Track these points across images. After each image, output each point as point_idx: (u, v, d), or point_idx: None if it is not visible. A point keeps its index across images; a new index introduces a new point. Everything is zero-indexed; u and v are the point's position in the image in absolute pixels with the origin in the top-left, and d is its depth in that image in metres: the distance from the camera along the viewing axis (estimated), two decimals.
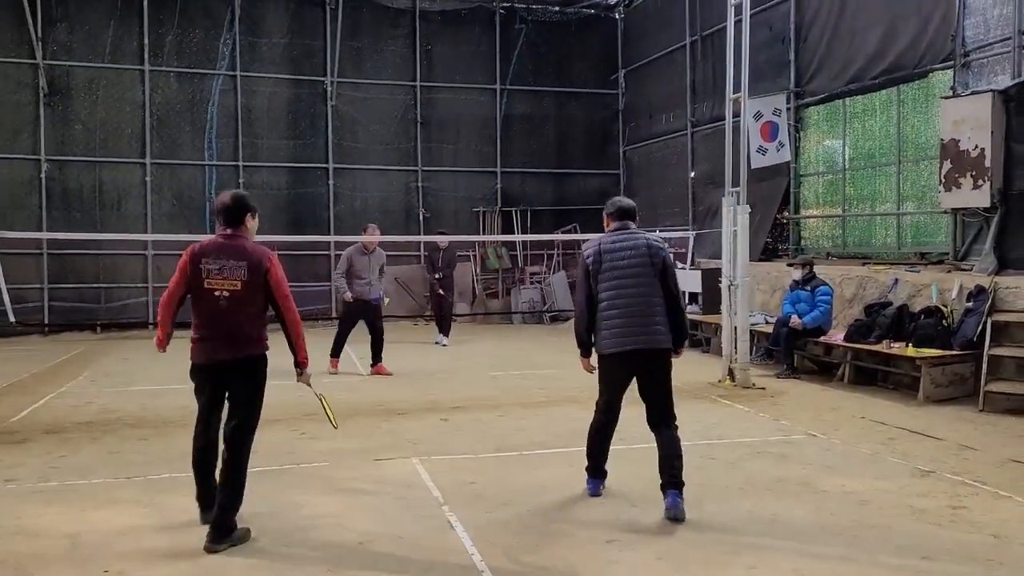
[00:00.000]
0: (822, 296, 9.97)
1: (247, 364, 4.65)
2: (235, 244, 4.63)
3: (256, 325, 4.66)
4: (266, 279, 4.61)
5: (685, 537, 4.64)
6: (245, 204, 4.80)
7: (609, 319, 5.12)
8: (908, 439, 6.90)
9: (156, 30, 16.10)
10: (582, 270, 5.27)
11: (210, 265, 4.59)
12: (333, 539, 4.64)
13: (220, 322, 4.60)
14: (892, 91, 11.37)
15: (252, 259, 4.61)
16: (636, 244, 5.18)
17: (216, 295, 4.56)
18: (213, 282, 4.57)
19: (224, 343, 4.60)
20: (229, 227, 4.71)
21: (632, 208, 5.40)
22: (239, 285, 4.56)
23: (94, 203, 15.91)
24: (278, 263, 4.70)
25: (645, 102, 18.03)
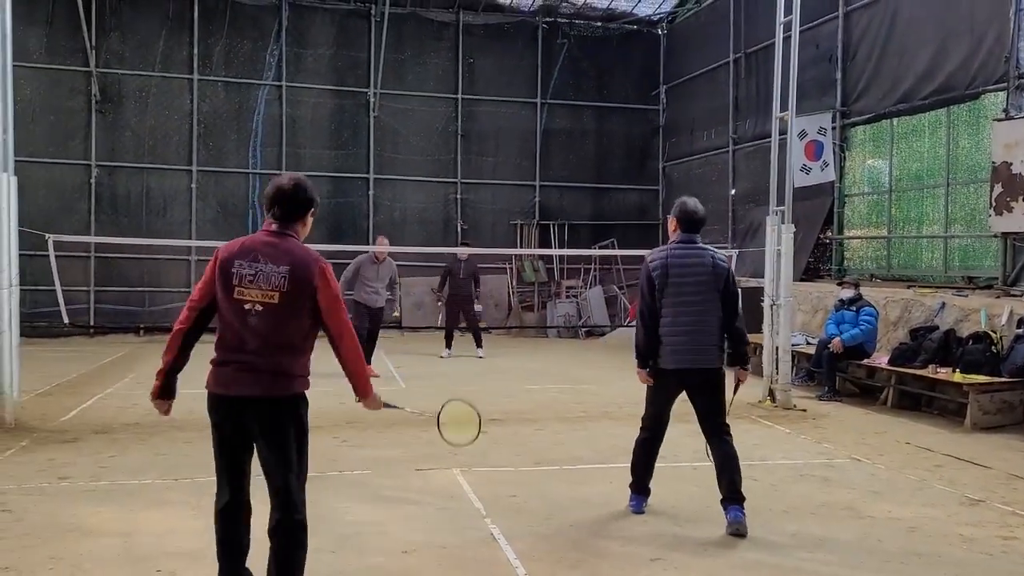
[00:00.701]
0: (866, 316, 9.84)
1: (278, 407, 3.51)
2: (281, 244, 3.54)
3: (296, 355, 3.55)
4: (314, 297, 3.51)
5: (730, 559, 4.60)
6: (309, 196, 3.68)
7: (669, 335, 5.11)
8: (955, 466, 6.78)
9: (205, 40, 16.44)
10: (646, 281, 5.18)
11: (244, 269, 3.49)
12: (377, 548, 4.66)
13: (247, 345, 3.47)
14: (942, 112, 11.23)
15: (298, 266, 3.49)
16: (703, 261, 5.14)
17: (247, 308, 3.46)
18: (245, 291, 3.47)
19: (248, 374, 3.47)
20: (280, 222, 3.62)
21: (703, 219, 5.31)
22: (276, 298, 3.45)
23: (141, 208, 16.23)
24: (332, 277, 3.57)
25: (686, 118, 17.98)
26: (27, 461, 6.41)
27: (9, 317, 7.61)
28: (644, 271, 5.22)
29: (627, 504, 5.40)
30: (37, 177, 15.16)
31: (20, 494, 5.53)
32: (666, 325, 5.12)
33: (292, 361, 3.54)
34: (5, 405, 7.50)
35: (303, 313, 3.51)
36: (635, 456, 5.38)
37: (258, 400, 3.49)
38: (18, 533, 4.77)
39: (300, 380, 3.60)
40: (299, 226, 3.68)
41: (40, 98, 15.65)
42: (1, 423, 7.43)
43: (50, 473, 6.08)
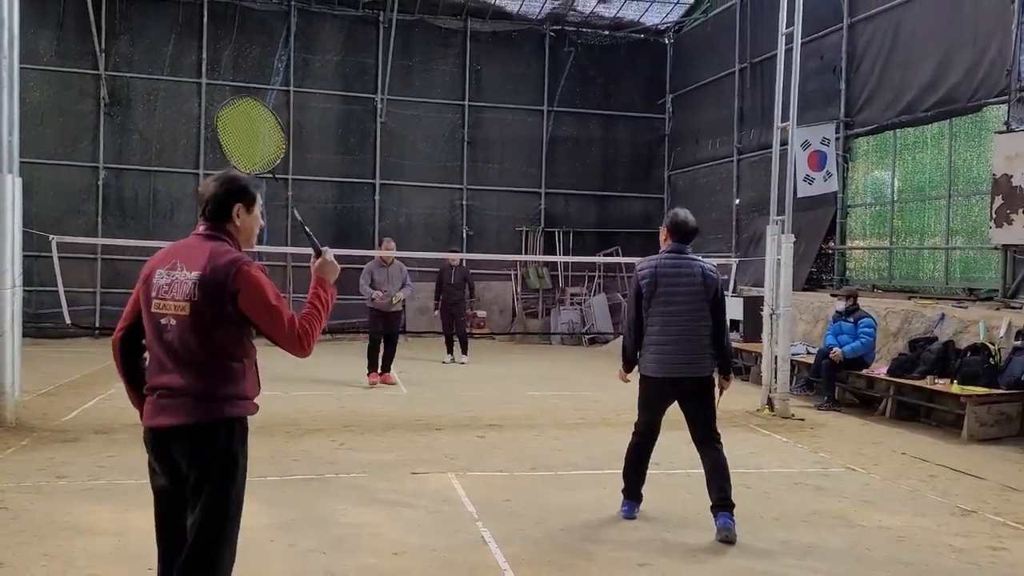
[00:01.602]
0: (865, 328, 9.86)
1: (211, 436, 2.95)
2: (201, 247, 3.03)
3: (222, 373, 2.98)
4: (235, 303, 2.94)
5: (717, 565, 4.63)
6: (233, 187, 3.12)
7: (658, 343, 5.16)
8: (950, 477, 6.79)
9: (214, 45, 16.59)
10: (634, 290, 5.25)
11: (162, 279, 3.00)
12: (369, 549, 4.71)
13: (166, 366, 2.98)
14: (944, 124, 11.26)
15: (209, 270, 2.94)
16: (693, 272, 5.20)
17: (162, 323, 2.97)
18: (161, 304, 2.98)
19: (169, 400, 2.96)
20: (207, 221, 3.11)
21: (695, 231, 5.36)
22: (187, 309, 2.93)
23: (148, 211, 16.37)
24: (259, 278, 2.98)
25: (692, 127, 18.04)
26: (26, 460, 6.49)
27: (11, 318, 7.69)
28: (633, 280, 5.30)
29: (619, 510, 5.44)
30: (46, 179, 15.34)
31: (18, 492, 5.61)
32: (655, 333, 5.17)
33: (217, 381, 2.96)
34: (6, 404, 7.59)
35: (223, 324, 2.95)
36: (627, 462, 5.44)
37: (182, 430, 2.94)
38: (14, 530, 4.84)
39: (230, 403, 2.99)
40: (228, 226, 3.11)
41: (49, 100, 15.81)
42: (2, 422, 7.51)
43: (49, 472, 6.16)
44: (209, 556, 2.94)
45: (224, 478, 2.95)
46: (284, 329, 3.00)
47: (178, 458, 2.94)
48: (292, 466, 6.52)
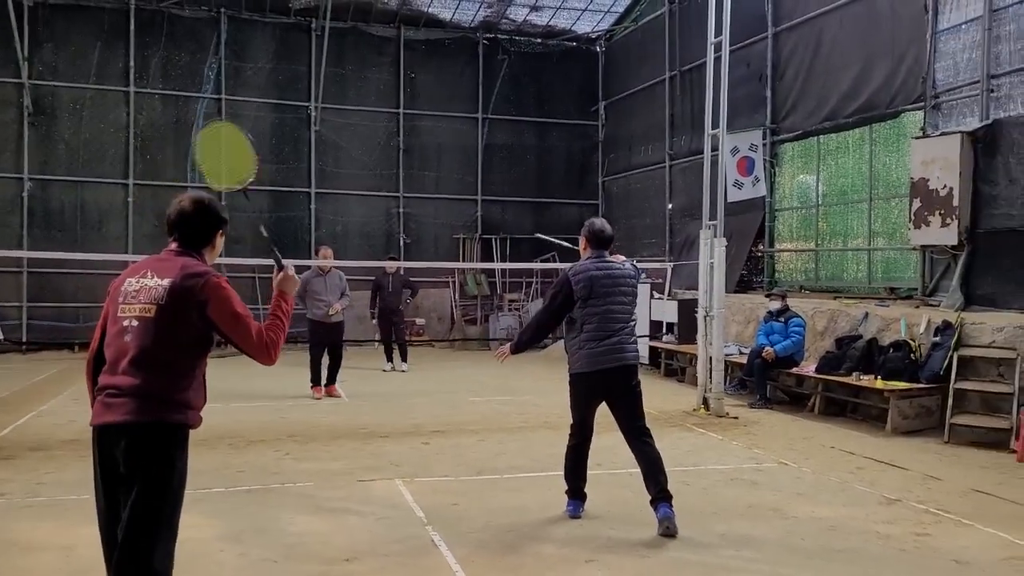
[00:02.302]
0: (795, 327, 10.24)
1: (149, 437, 3.00)
2: (173, 260, 3.19)
3: (172, 377, 3.07)
4: (202, 312, 3.07)
5: (660, 558, 4.81)
6: (216, 216, 3.32)
7: (595, 341, 5.34)
8: (876, 468, 7.13)
9: (142, 52, 16.27)
10: (564, 295, 5.41)
11: (132, 286, 3.15)
12: (320, 556, 4.75)
13: (120, 365, 3.06)
14: (865, 130, 11.74)
15: (180, 278, 3.08)
16: (624, 273, 5.52)
17: (124, 325, 3.09)
18: (126, 307, 3.11)
19: (117, 398, 3.02)
20: (183, 244, 3.26)
21: (611, 238, 5.65)
22: (153, 311, 3.05)
23: (75, 222, 15.95)
24: (228, 291, 3.13)
25: (625, 134, 18.39)
26: None
27: None
28: (563, 283, 5.45)
29: (564, 509, 5.58)
30: None
31: None
32: (589, 331, 5.36)
33: (166, 384, 3.05)
34: None
35: (184, 330, 3.08)
36: (567, 462, 5.61)
37: (122, 427, 2.99)
38: None
39: (175, 408, 3.06)
40: (206, 252, 3.31)
41: None
42: None
43: None
44: (138, 557, 2.96)
45: (158, 481, 2.99)
46: (252, 337, 3.15)
47: (117, 456, 2.99)
48: (238, 477, 6.50)
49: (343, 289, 10.86)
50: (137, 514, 2.96)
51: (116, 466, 3.01)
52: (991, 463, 7.37)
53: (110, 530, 3.05)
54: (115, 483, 3.03)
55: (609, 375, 5.37)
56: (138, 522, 2.96)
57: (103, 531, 3.09)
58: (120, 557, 2.97)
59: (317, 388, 10.66)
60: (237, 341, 3.14)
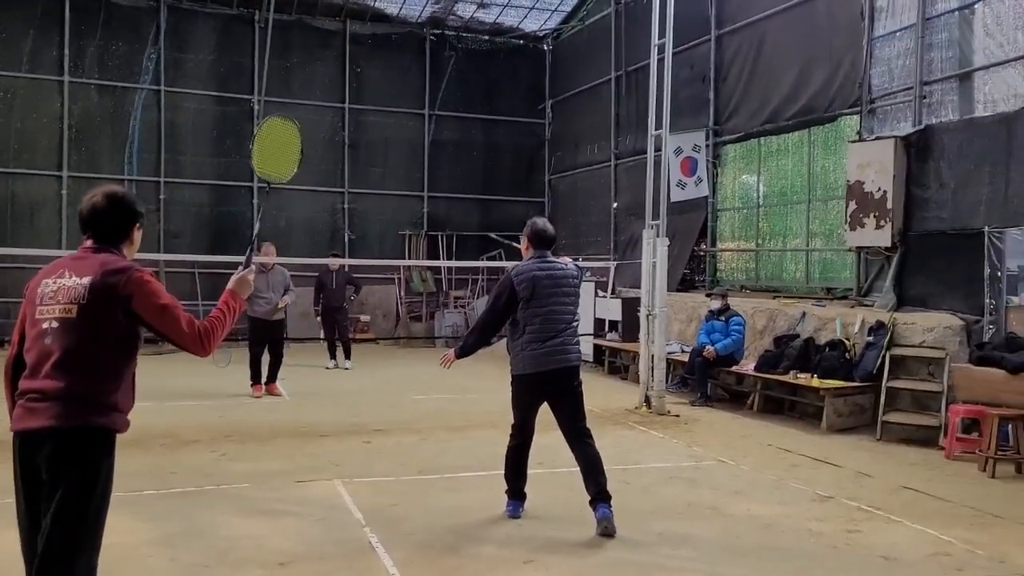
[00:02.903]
0: (735, 326, 10.40)
1: (74, 442, 2.89)
2: (91, 257, 3.07)
3: (98, 380, 2.96)
4: (127, 307, 2.97)
5: (598, 558, 4.83)
6: (131, 209, 3.20)
7: (539, 341, 5.33)
8: (811, 466, 7.27)
9: (77, 41, 15.82)
10: (507, 295, 5.39)
11: (48, 287, 3.02)
12: (254, 560, 4.67)
13: (41, 369, 2.94)
14: (804, 133, 11.96)
15: (101, 274, 2.97)
16: (566, 273, 5.50)
17: (44, 328, 2.97)
18: (45, 310, 2.99)
19: (40, 403, 2.91)
20: (99, 241, 3.13)
21: (553, 238, 5.64)
22: (74, 311, 2.93)
23: (5, 215, 15.46)
24: (152, 284, 3.04)
25: (571, 132, 18.46)
26: None
27: None
28: (506, 284, 5.42)
29: (504, 510, 5.58)
30: None
31: None
32: (532, 333, 5.35)
33: (92, 387, 2.94)
34: None
35: (109, 329, 2.96)
36: (507, 463, 5.60)
37: (44, 433, 2.87)
38: None
39: (101, 411, 2.95)
40: (123, 243, 3.18)
41: None
42: None
43: None
44: (59, 567, 2.86)
45: (82, 489, 2.88)
46: (182, 327, 3.06)
47: (40, 462, 2.88)
48: (170, 479, 6.36)
49: (286, 286, 10.69)
50: (59, 522, 2.85)
51: (38, 473, 2.90)
52: (921, 460, 7.58)
53: (31, 539, 2.94)
54: (36, 490, 2.92)
55: (552, 376, 5.37)
56: (60, 530, 2.85)
57: (24, 539, 2.97)
58: (40, 566, 2.87)
59: (257, 386, 10.50)
60: (167, 333, 3.04)
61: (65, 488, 2.86)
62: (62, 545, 2.86)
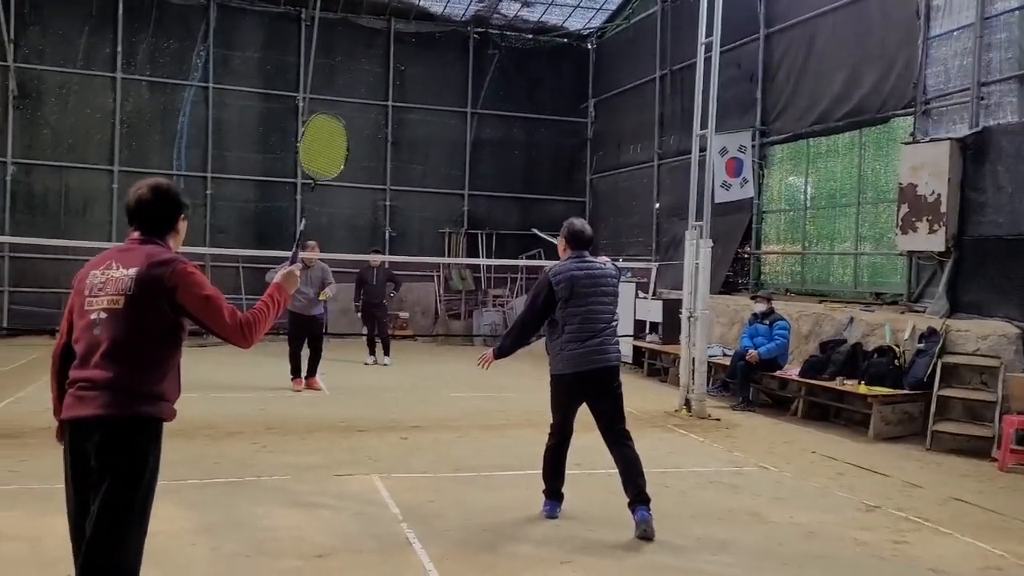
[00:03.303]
0: (780, 330, 10.22)
1: (122, 431, 2.94)
2: (137, 249, 3.11)
3: (144, 370, 3.00)
4: (172, 299, 3.00)
5: (636, 561, 4.76)
6: (176, 201, 3.24)
7: (576, 342, 5.28)
8: (856, 474, 7.11)
9: (130, 38, 16.11)
10: (545, 295, 5.34)
11: (96, 278, 3.06)
12: (293, 552, 4.68)
13: (90, 359, 2.99)
14: (855, 134, 11.72)
15: (147, 266, 3.01)
16: (605, 272, 5.45)
17: (92, 319, 3.01)
18: (94, 301, 3.03)
19: (89, 392, 2.95)
20: (146, 232, 3.17)
21: (591, 238, 5.58)
22: (121, 302, 2.97)
23: (59, 208, 15.80)
24: (197, 276, 3.07)
25: (614, 132, 18.34)
26: None
27: None
28: (544, 284, 5.36)
29: (541, 509, 5.53)
30: None
31: None
32: (572, 333, 5.30)
33: (139, 377, 2.99)
34: None
35: (155, 320, 3.01)
36: (545, 462, 5.56)
37: (94, 421, 2.93)
38: None
39: (149, 401, 3.00)
40: (168, 234, 3.22)
41: None
42: None
43: None
44: (106, 553, 2.90)
45: (129, 476, 2.93)
46: (224, 317, 3.08)
47: (89, 450, 2.92)
48: (213, 469, 6.42)
49: (325, 280, 10.73)
50: (107, 509, 2.89)
51: (87, 460, 2.94)
52: (972, 471, 7.37)
53: (79, 524, 2.97)
54: (85, 477, 2.95)
55: (591, 376, 5.32)
56: (107, 517, 2.89)
57: (72, 525, 3.01)
58: (88, 552, 2.90)
59: (297, 380, 10.58)
60: (210, 324, 3.07)
61: (113, 476, 2.90)
62: (110, 531, 2.89)
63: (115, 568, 2.92)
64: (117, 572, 2.93)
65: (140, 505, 2.96)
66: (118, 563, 2.92)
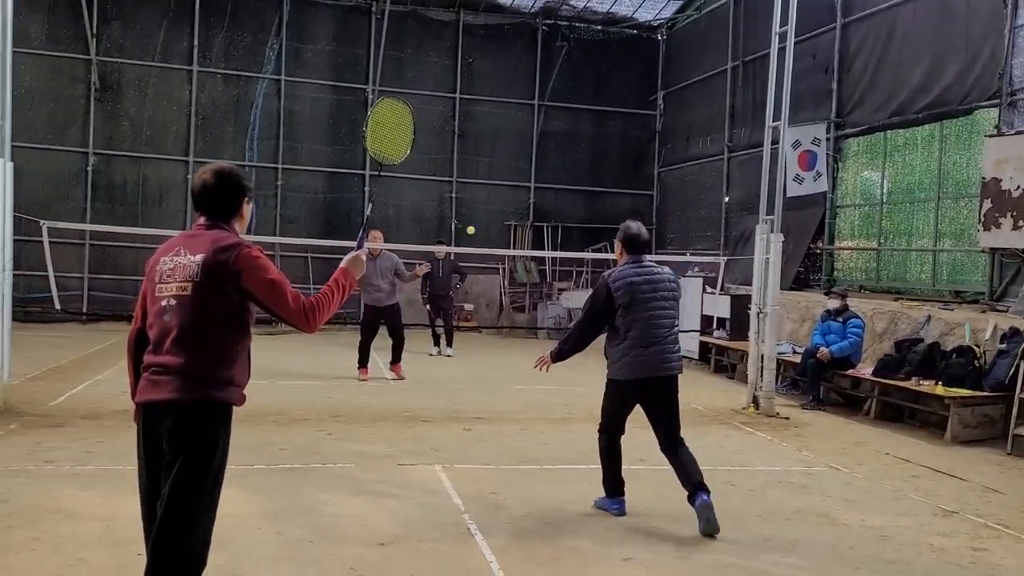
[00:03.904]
0: (853, 328, 9.92)
1: (194, 415, 3.00)
2: (204, 235, 3.15)
3: (214, 355, 3.05)
4: (237, 284, 3.04)
5: (700, 560, 4.67)
6: (239, 184, 3.25)
7: (638, 348, 5.24)
8: (932, 478, 6.86)
9: (206, 32, 16.50)
10: (604, 302, 5.28)
11: (166, 265, 3.12)
12: (356, 539, 4.73)
13: (162, 345, 3.05)
14: (935, 126, 11.32)
15: (212, 252, 3.05)
16: (663, 278, 5.38)
17: (163, 305, 3.06)
18: (164, 288, 3.08)
19: (161, 376, 3.02)
20: (208, 216, 3.21)
21: (647, 241, 5.52)
22: (189, 289, 3.02)
23: (137, 197, 16.31)
24: (259, 259, 3.08)
25: (683, 124, 18.08)
26: (14, 444, 6.47)
27: (1, 301, 7.66)
28: (602, 291, 5.30)
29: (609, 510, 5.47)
30: (35, 163, 15.20)
31: (6, 476, 5.60)
32: (634, 339, 5.24)
33: (207, 363, 3.03)
34: None
35: (221, 305, 3.05)
36: (605, 460, 5.51)
37: (166, 405, 3.00)
38: (2, 514, 4.84)
39: (219, 387, 3.05)
40: (235, 222, 3.25)
41: (40, 84, 15.71)
42: None
43: (37, 456, 6.15)
44: (177, 534, 2.96)
45: (200, 459, 2.99)
46: (288, 302, 3.10)
47: (162, 432, 3.00)
48: (279, 455, 6.53)
49: (396, 269, 10.83)
50: (177, 492, 2.95)
51: (159, 442, 3.01)
52: None
53: (150, 505, 3.04)
54: (157, 459, 3.03)
55: (652, 384, 5.28)
56: (178, 500, 2.95)
57: (144, 505, 3.08)
58: (158, 535, 2.97)
59: (364, 370, 10.70)
60: (274, 308, 3.09)
61: (184, 458, 2.96)
62: (180, 514, 2.95)
63: (184, 551, 2.96)
64: (187, 555, 2.97)
65: (209, 489, 3.01)
66: (188, 546, 2.97)
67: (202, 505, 3.00)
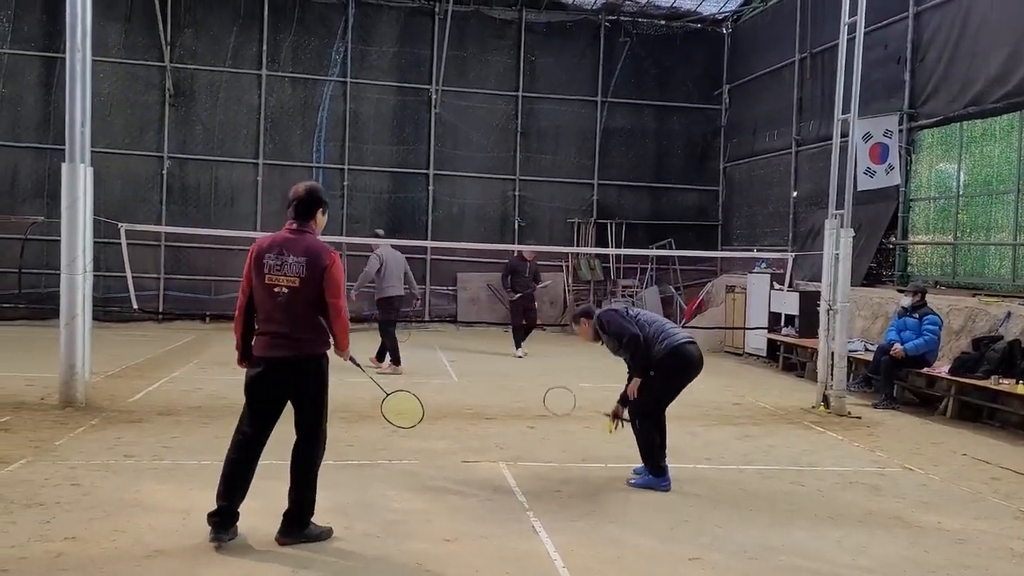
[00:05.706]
0: (930, 325, 9.62)
1: (306, 364, 4.52)
2: (299, 239, 4.52)
3: (316, 325, 4.52)
4: (323, 277, 4.44)
5: (769, 561, 4.60)
6: (318, 198, 4.66)
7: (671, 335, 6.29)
8: (1014, 480, 6.62)
9: (274, 37, 16.86)
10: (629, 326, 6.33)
11: (272, 260, 4.47)
12: (421, 535, 4.78)
13: (278, 319, 4.47)
14: (1014, 116, 10.90)
15: (312, 256, 4.46)
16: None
17: (276, 291, 4.45)
18: (274, 278, 4.45)
19: (283, 340, 4.48)
20: (297, 221, 4.59)
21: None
22: (297, 282, 4.44)
23: (209, 199, 16.76)
24: (339, 263, 4.56)
25: (749, 118, 17.77)
26: (96, 439, 6.72)
27: (83, 301, 7.96)
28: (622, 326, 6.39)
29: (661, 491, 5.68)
30: (113, 168, 15.74)
31: (88, 469, 5.82)
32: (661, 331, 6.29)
33: (312, 329, 4.53)
34: (77, 385, 7.85)
35: (316, 292, 4.48)
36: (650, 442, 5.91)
37: (288, 360, 4.50)
38: (85, 506, 5.03)
39: (320, 344, 4.58)
40: (313, 224, 4.65)
41: (117, 92, 16.26)
42: (73, 402, 7.78)
43: (117, 451, 6.38)
44: (313, 439, 4.60)
45: (319, 391, 4.59)
46: (341, 309, 4.57)
47: (285, 378, 4.51)
48: (346, 451, 6.65)
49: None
50: (307, 416, 4.57)
51: (283, 384, 4.53)
52: None
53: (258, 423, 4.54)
54: (278, 396, 4.57)
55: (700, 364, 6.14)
56: (311, 410, 4.57)
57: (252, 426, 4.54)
58: (297, 454, 4.58)
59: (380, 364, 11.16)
60: (330, 302, 4.51)
61: (309, 391, 4.56)
62: (312, 419, 4.58)
63: (313, 456, 4.61)
64: (314, 459, 4.62)
65: (324, 401, 4.62)
66: (316, 453, 4.62)
67: (322, 412, 4.61)
